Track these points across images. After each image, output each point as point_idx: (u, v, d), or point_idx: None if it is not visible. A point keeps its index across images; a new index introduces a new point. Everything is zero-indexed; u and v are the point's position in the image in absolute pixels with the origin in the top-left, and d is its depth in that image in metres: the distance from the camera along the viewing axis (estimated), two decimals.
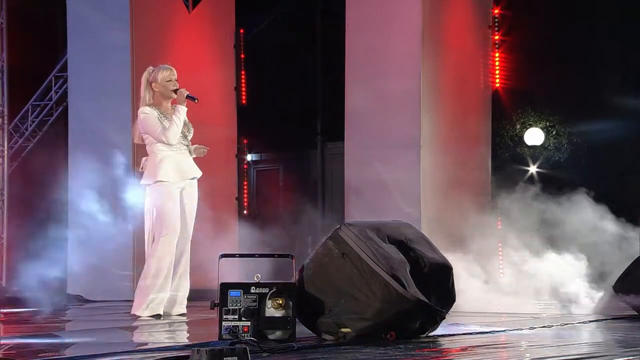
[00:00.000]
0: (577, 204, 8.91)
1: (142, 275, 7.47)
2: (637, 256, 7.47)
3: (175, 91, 7.53)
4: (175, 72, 7.59)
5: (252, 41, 12.72)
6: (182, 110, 7.48)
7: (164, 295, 7.43)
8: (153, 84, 7.54)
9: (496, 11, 11.58)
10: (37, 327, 6.89)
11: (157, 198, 7.44)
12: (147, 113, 7.46)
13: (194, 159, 7.70)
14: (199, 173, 7.67)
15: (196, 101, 7.54)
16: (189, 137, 7.65)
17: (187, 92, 7.51)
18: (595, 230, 8.49)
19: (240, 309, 4.88)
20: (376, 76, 10.48)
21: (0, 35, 12.38)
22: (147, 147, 7.60)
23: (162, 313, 7.39)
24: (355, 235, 5.05)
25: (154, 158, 7.49)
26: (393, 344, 4.79)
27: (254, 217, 12.65)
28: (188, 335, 6.30)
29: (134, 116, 7.98)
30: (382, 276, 4.92)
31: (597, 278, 7.88)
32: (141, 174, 7.63)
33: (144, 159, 7.66)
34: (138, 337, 6.08)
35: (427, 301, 5.04)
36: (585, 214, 8.55)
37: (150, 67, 7.63)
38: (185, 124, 7.60)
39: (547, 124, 11.31)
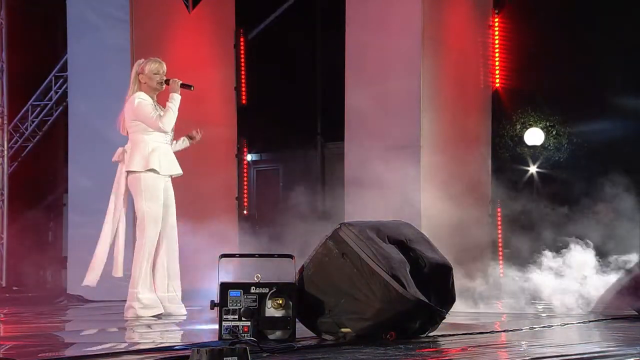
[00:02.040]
0: (577, 204, 8.91)
1: (133, 283, 7.41)
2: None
3: (167, 82, 7.47)
4: (164, 65, 7.51)
5: (252, 41, 12.72)
6: (177, 98, 7.39)
7: (158, 294, 7.42)
8: (140, 76, 7.45)
9: (496, 11, 11.59)
10: (37, 327, 6.89)
11: (143, 188, 7.33)
12: (143, 99, 7.35)
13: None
14: (180, 171, 7.59)
15: (192, 89, 7.50)
16: (173, 134, 7.60)
17: (181, 81, 7.46)
18: (595, 230, 8.50)
19: (240, 309, 4.87)
20: (376, 76, 10.48)
21: (0, 35, 12.39)
22: (132, 135, 7.43)
23: (159, 312, 7.37)
24: (355, 235, 5.05)
25: (144, 147, 7.35)
26: (393, 344, 4.78)
27: (254, 217, 12.65)
28: (188, 335, 6.30)
29: None
30: (382, 276, 4.92)
31: (597, 277, 7.87)
32: (116, 163, 7.50)
33: (120, 148, 7.53)
34: (138, 337, 6.08)
35: (427, 301, 5.04)
36: (585, 213, 8.56)
37: (141, 60, 7.57)
38: None
39: (547, 124, 11.31)
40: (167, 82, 7.46)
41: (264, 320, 4.89)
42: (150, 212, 7.33)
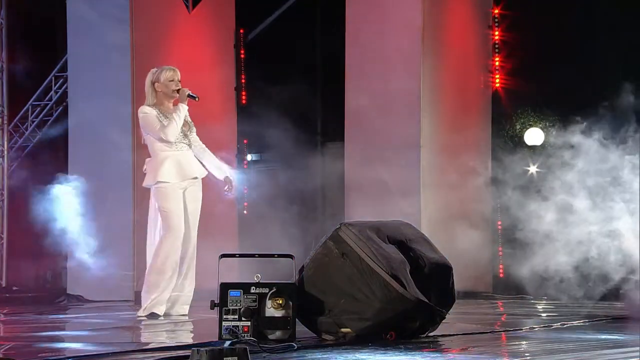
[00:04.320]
0: (576, 203, 8.90)
1: (146, 274, 7.51)
2: None
3: (178, 91, 7.56)
4: (178, 72, 7.62)
5: (252, 41, 12.72)
6: (183, 108, 7.51)
7: (164, 295, 7.43)
8: (156, 84, 7.56)
9: (496, 11, 11.58)
10: (37, 327, 6.89)
11: (159, 199, 7.49)
12: (146, 112, 7.50)
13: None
14: (201, 173, 7.66)
15: (197, 99, 7.59)
16: (190, 137, 7.64)
17: (189, 91, 7.56)
18: (595, 230, 8.50)
19: (240, 309, 4.88)
20: (376, 76, 10.48)
21: (0, 35, 12.38)
22: (148, 147, 7.62)
23: (160, 313, 7.38)
24: (355, 235, 5.05)
25: (155, 159, 7.54)
26: (393, 344, 4.79)
27: (254, 217, 12.64)
28: (188, 335, 6.30)
29: (134, 116, 8.00)
30: (382, 276, 4.92)
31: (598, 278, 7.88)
32: (144, 175, 7.67)
33: (147, 159, 7.68)
34: (138, 337, 6.09)
35: (427, 301, 5.04)
36: (584, 213, 8.56)
37: (154, 68, 7.66)
38: (186, 122, 7.62)
39: (547, 124, 11.31)
40: (177, 91, 7.54)
41: (264, 320, 4.89)
42: (167, 216, 7.43)
